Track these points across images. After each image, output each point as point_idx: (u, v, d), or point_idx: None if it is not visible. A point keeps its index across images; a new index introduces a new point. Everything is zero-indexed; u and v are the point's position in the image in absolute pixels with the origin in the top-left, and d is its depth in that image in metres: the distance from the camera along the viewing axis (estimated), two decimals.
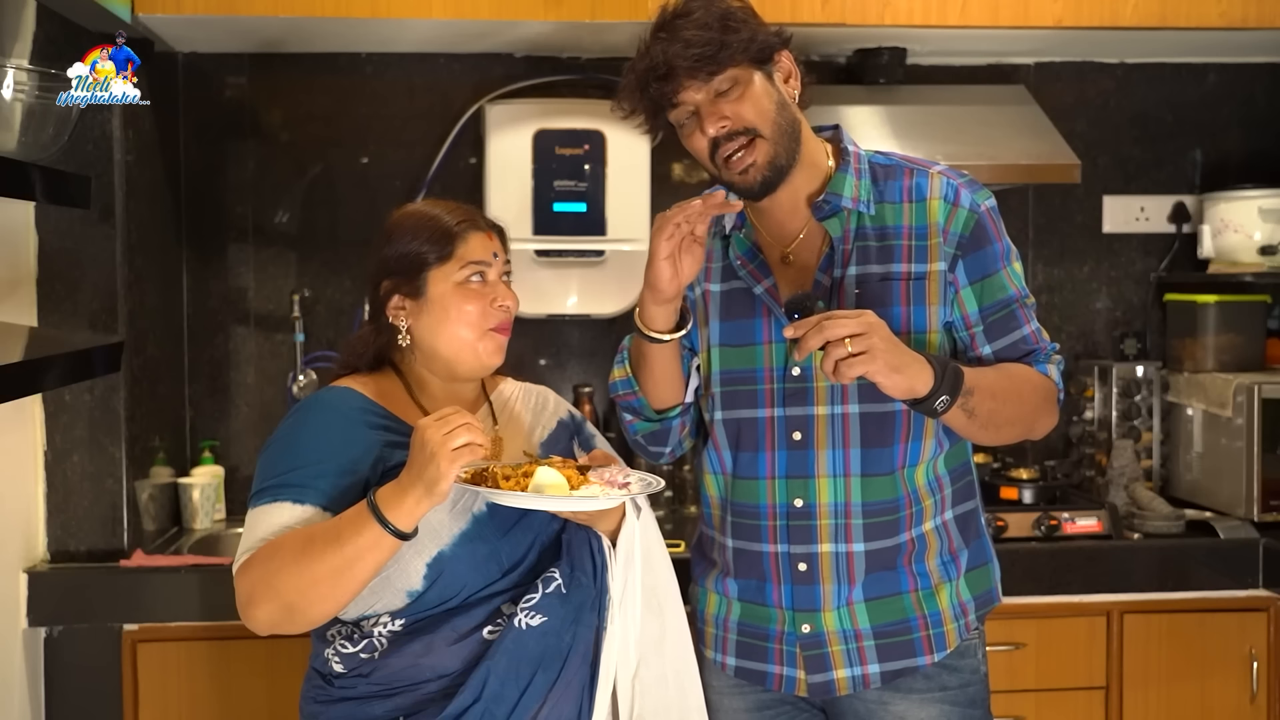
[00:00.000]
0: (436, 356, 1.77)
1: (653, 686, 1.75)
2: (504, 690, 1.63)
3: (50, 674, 2.55)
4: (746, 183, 1.78)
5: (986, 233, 1.83)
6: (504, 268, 1.80)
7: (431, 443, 1.52)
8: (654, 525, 1.82)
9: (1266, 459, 2.89)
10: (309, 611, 1.61)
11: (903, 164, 1.88)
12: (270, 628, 1.64)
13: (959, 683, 1.89)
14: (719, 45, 1.72)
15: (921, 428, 1.84)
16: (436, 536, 1.66)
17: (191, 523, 2.96)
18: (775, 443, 1.85)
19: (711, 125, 1.75)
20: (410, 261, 1.75)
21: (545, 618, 1.65)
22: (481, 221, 1.79)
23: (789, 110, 1.80)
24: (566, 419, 1.90)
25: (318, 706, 1.72)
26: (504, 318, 1.77)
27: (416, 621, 1.67)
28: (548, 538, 1.73)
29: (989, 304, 1.84)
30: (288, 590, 1.59)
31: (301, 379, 3.12)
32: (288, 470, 1.67)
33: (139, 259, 2.73)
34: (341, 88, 3.14)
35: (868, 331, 1.63)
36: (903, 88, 3.05)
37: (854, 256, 1.83)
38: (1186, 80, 3.33)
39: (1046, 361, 1.88)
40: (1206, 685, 2.75)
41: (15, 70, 1.93)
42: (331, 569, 1.57)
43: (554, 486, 1.57)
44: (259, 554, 1.63)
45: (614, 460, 1.73)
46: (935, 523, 1.87)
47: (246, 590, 1.63)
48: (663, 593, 1.79)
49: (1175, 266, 3.32)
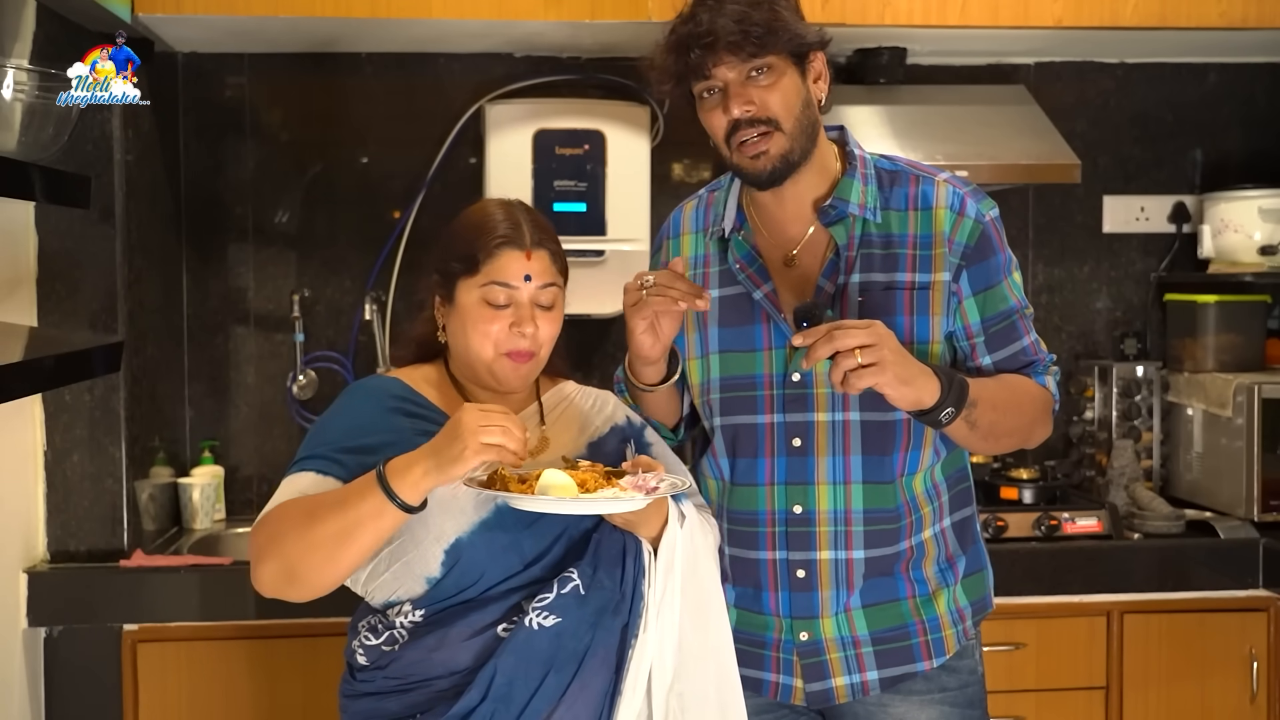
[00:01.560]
0: (465, 363, 1.76)
1: (692, 701, 1.72)
2: (512, 690, 1.61)
3: (50, 674, 2.55)
4: (756, 169, 1.78)
5: (991, 243, 1.83)
6: (540, 294, 1.73)
7: (466, 427, 1.52)
8: (704, 536, 1.78)
9: (1266, 459, 2.89)
10: (308, 575, 1.59)
11: (908, 170, 1.87)
12: (273, 588, 1.62)
13: (958, 684, 1.88)
14: (767, 29, 1.72)
15: (921, 436, 1.83)
16: (457, 523, 1.64)
17: (191, 523, 2.96)
18: (775, 449, 1.84)
19: (737, 106, 1.75)
20: (447, 268, 1.75)
21: (559, 619, 1.62)
22: (526, 239, 1.72)
23: (811, 110, 1.80)
24: (624, 424, 1.85)
25: (346, 699, 1.74)
26: (522, 346, 1.71)
27: (436, 613, 1.66)
28: (577, 533, 1.70)
29: (991, 315, 1.84)
30: (290, 551, 1.58)
31: (301, 379, 3.12)
32: (318, 445, 1.69)
33: (139, 259, 2.73)
34: (341, 88, 3.14)
35: (878, 343, 1.63)
36: (903, 88, 3.05)
37: (858, 264, 1.82)
38: (1186, 80, 3.33)
39: (1045, 373, 1.88)
40: (1206, 685, 2.75)
41: (15, 70, 1.93)
42: (333, 533, 1.56)
43: (559, 488, 1.55)
44: (273, 513, 1.63)
45: (656, 466, 1.67)
46: (934, 530, 1.87)
47: (256, 547, 1.62)
48: (708, 606, 1.76)
49: (1175, 266, 3.32)
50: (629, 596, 1.67)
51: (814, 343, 1.63)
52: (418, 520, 1.62)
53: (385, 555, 1.66)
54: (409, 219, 3.13)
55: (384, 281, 3.13)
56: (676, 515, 1.71)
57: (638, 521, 1.68)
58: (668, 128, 3.12)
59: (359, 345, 3.15)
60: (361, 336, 3.14)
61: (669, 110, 3.08)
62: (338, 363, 3.15)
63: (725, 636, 1.77)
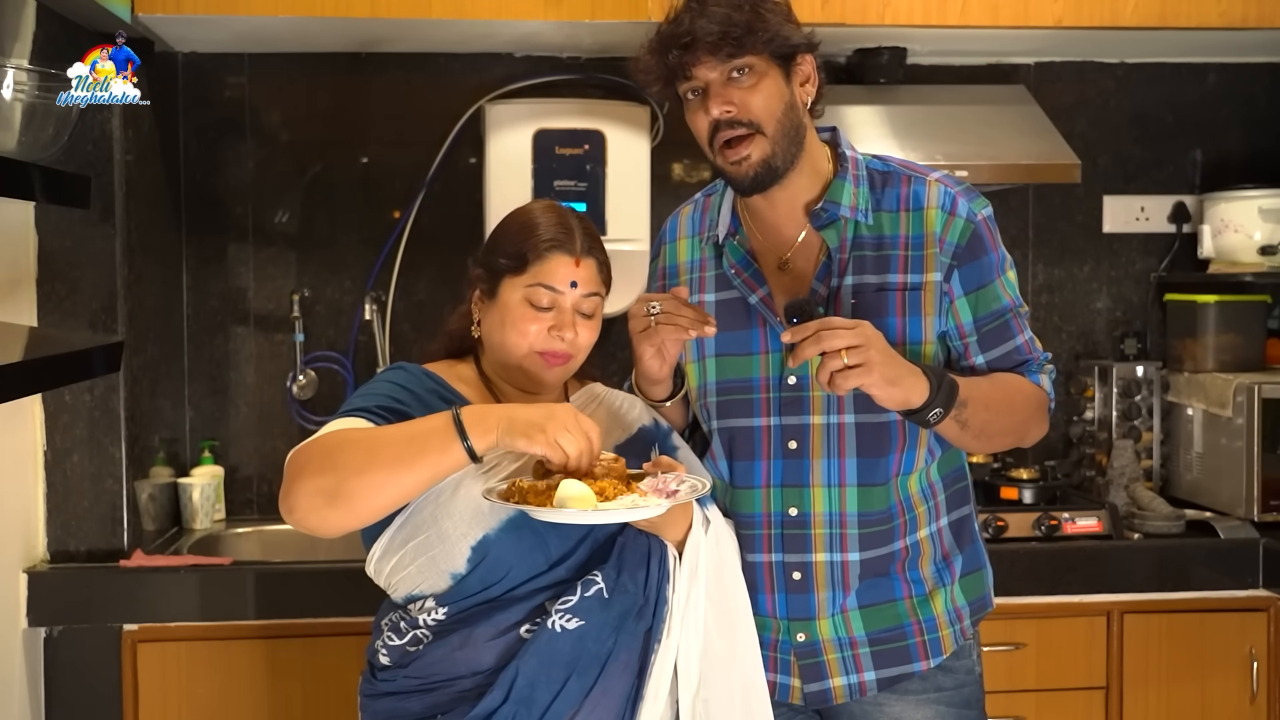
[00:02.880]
0: (500, 358, 1.76)
1: (718, 707, 1.71)
2: (534, 692, 1.61)
3: (50, 674, 2.55)
4: (739, 174, 1.79)
5: (983, 242, 1.82)
6: (583, 301, 1.74)
7: (556, 417, 1.53)
8: (730, 540, 1.79)
9: (1266, 459, 2.89)
10: (355, 494, 1.54)
11: (900, 170, 1.87)
12: (308, 508, 1.56)
13: (955, 683, 1.88)
14: (746, 29, 1.72)
15: (916, 436, 1.83)
16: (484, 520, 1.64)
17: (191, 523, 2.96)
18: (771, 451, 1.84)
19: (716, 106, 1.75)
20: (493, 264, 1.76)
21: (582, 622, 1.62)
22: (577, 246, 1.74)
23: (796, 114, 1.79)
24: (650, 426, 1.86)
25: (366, 699, 1.73)
26: (558, 348, 1.72)
27: (460, 612, 1.65)
28: (602, 536, 1.69)
29: (984, 314, 1.83)
30: (345, 465, 1.54)
31: (301, 379, 3.12)
32: (367, 399, 1.68)
33: (139, 259, 2.73)
34: (341, 88, 3.14)
35: (864, 344, 1.63)
36: (903, 88, 3.05)
37: (850, 266, 1.82)
38: (1186, 80, 3.33)
39: (1039, 371, 1.88)
40: (1206, 685, 2.75)
41: (15, 70, 1.93)
42: (395, 456, 1.54)
43: (577, 500, 1.54)
44: (324, 438, 1.59)
45: (677, 467, 1.68)
46: (929, 530, 1.87)
47: (299, 464, 1.58)
48: (734, 610, 1.76)
49: (1175, 266, 3.32)
50: (653, 601, 1.67)
51: (801, 341, 1.63)
52: (445, 515, 1.63)
53: (411, 548, 1.66)
54: (409, 219, 3.13)
55: (384, 281, 3.13)
56: (701, 519, 1.72)
57: (662, 525, 1.68)
58: (668, 128, 3.12)
59: (359, 345, 3.15)
60: (361, 336, 3.14)
61: (669, 110, 3.08)
62: (338, 363, 3.15)
63: (751, 642, 1.77)
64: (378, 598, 1.78)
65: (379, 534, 1.68)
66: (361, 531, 1.70)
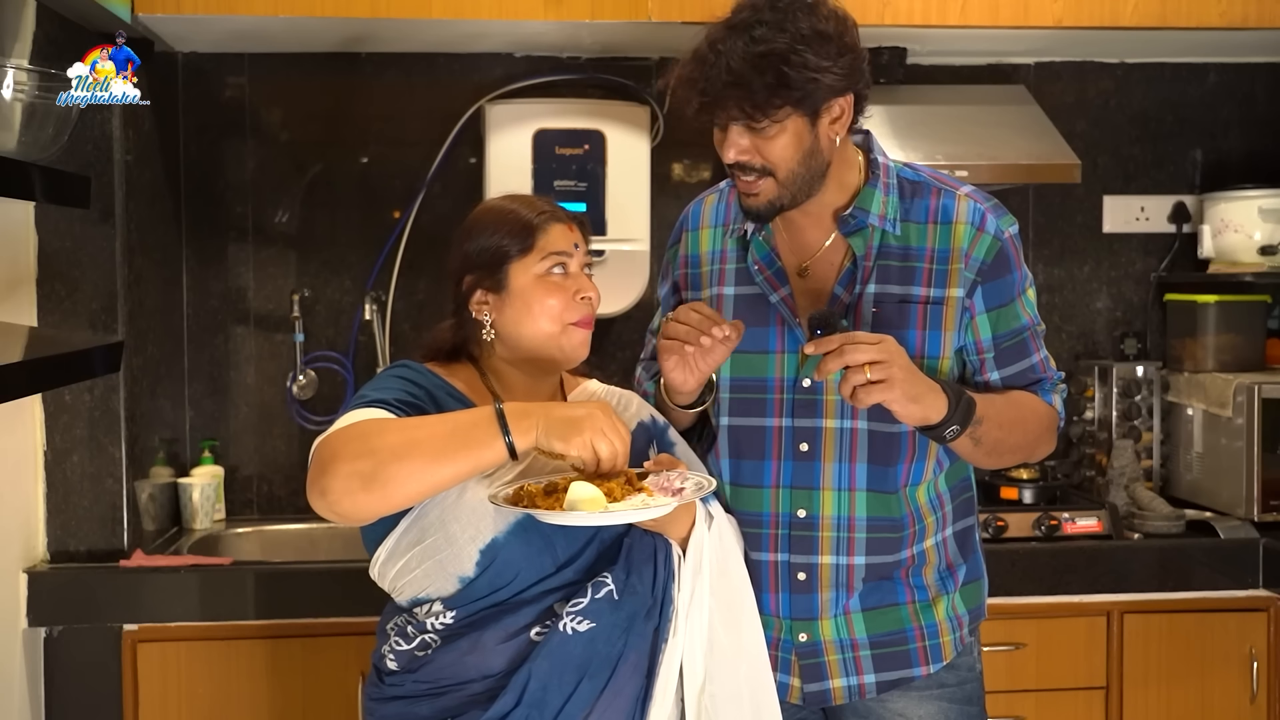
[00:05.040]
0: (521, 349, 1.74)
1: (724, 704, 1.71)
2: (546, 695, 1.61)
3: (50, 674, 2.55)
4: (747, 206, 1.80)
5: (1008, 260, 1.82)
6: (585, 259, 1.77)
7: (594, 419, 1.53)
8: (734, 536, 1.79)
9: (1266, 459, 2.89)
10: (392, 479, 1.51)
11: (931, 182, 1.86)
12: (343, 489, 1.52)
13: (956, 680, 1.89)
14: (768, 92, 1.66)
15: (925, 448, 1.84)
16: (492, 523, 1.63)
17: (191, 523, 2.96)
18: (782, 452, 1.84)
19: (729, 151, 1.74)
20: (492, 255, 1.73)
21: (593, 624, 1.62)
22: (562, 213, 1.76)
23: (816, 158, 1.75)
24: (648, 422, 1.86)
25: (372, 704, 1.72)
26: (586, 311, 1.73)
27: (468, 616, 1.65)
28: (609, 537, 1.69)
29: (1002, 332, 1.84)
30: (385, 448, 1.52)
31: (301, 379, 3.12)
32: (380, 391, 1.66)
33: (139, 259, 2.73)
34: (341, 88, 3.14)
35: (888, 360, 1.63)
36: (903, 88, 3.05)
37: (874, 275, 1.82)
38: (1186, 80, 3.33)
39: (1052, 390, 1.88)
40: (1206, 685, 2.75)
41: (15, 70, 1.93)
42: (437, 445, 1.52)
43: (587, 502, 1.54)
44: (357, 425, 1.57)
45: (678, 464, 1.68)
46: (936, 539, 1.87)
47: (333, 448, 1.55)
48: (739, 606, 1.76)
49: (1175, 266, 3.32)
50: (659, 600, 1.67)
51: (825, 355, 1.63)
52: (452, 518, 1.63)
53: (418, 552, 1.65)
54: (409, 219, 3.13)
55: (384, 281, 3.13)
56: (704, 516, 1.72)
57: (666, 523, 1.68)
58: (668, 128, 3.12)
59: (359, 345, 3.15)
60: (361, 336, 3.14)
61: (669, 110, 3.08)
62: (338, 363, 3.15)
63: (757, 637, 1.77)
64: (378, 598, 1.78)
65: (383, 537, 1.67)
66: (364, 534, 1.70)
